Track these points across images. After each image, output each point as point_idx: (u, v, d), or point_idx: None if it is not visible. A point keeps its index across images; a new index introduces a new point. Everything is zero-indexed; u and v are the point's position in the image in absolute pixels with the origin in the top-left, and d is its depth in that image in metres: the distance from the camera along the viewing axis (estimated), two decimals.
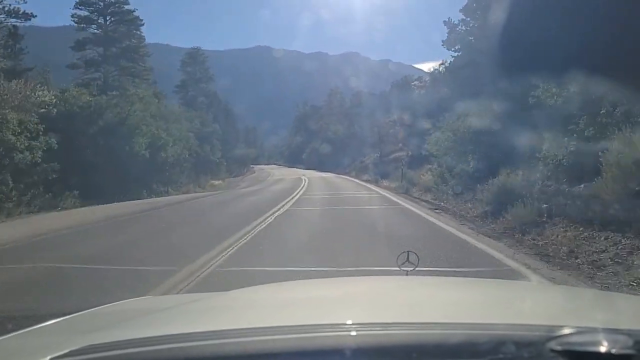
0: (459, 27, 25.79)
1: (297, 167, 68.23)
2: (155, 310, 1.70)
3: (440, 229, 10.26)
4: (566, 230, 7.92)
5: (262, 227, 10.69)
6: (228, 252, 7.67)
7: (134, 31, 35.63)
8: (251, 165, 76.86)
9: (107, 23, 34.68)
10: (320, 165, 57.83)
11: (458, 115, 16.11)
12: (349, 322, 1.13)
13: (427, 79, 37.25)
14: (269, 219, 12.17)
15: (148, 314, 1.61)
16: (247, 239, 9.00)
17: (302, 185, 29.59)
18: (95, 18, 34.76)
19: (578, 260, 6.52)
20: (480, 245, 7.98)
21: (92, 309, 1.80)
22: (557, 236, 7.81)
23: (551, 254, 6.96)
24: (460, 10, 25.70)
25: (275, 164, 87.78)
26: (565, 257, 6.72)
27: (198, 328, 1.20)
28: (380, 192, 22.68)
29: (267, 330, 1.05)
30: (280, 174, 50.49)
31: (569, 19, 1.22)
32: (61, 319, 1.61)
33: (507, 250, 7.42)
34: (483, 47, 18.39)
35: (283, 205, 15.69)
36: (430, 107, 24.73)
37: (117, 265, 6.96)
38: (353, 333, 1.04)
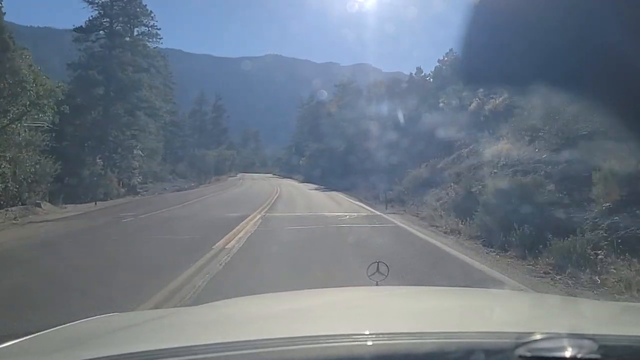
0: None
1: (292, 179, 51.61)
2: (123, 328, 1.57)
3: None
4: None
5: None
6: None
7: None
8: (240, 174, 68.60)
9: None
10: (325, 176, 34.70)
11: None
12: (322, 333, 1.10)
13: None
14: None
15: (115, 331, 1.51)
16: None
17: None
18: None
19: None
20: None
21: (56, 328, 1.57)
22: None
23: None
24: None
25: (271, 174, 76.03)
26: None
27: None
28: None
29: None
30: (230, 196, 25.85)
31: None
32: (23, 338, 1.41)
33: None
34: None
35: None
36: None
37: None
38: (322, 344, 1.01)
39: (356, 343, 1.02)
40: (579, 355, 0.91)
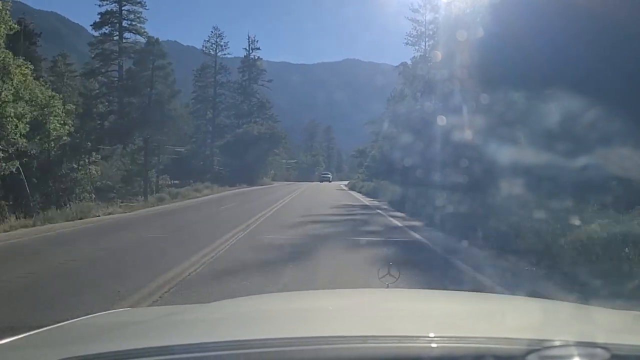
0: None
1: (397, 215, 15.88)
2: (133, 323, 1.55)
3: None
4: None
5: None
6: None
7: None
8: (280, 183, 48.61)
9: None
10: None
11: None
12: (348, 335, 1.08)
13: None
14: None
15: (125, 327, 1.49)
16: None
17: None
18: None
19: None
20: None
21: (68, 322, 1.64)
22: None
23: None
24: None
25: (342, 182, 53.68)
26: None
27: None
28: None
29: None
30: None
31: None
32: (35, 331, 1.42)
33: None
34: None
35: None
36: None
37: None
38: (325, 346, 1.00)
39: (365, 345, 1.00)
40: None
